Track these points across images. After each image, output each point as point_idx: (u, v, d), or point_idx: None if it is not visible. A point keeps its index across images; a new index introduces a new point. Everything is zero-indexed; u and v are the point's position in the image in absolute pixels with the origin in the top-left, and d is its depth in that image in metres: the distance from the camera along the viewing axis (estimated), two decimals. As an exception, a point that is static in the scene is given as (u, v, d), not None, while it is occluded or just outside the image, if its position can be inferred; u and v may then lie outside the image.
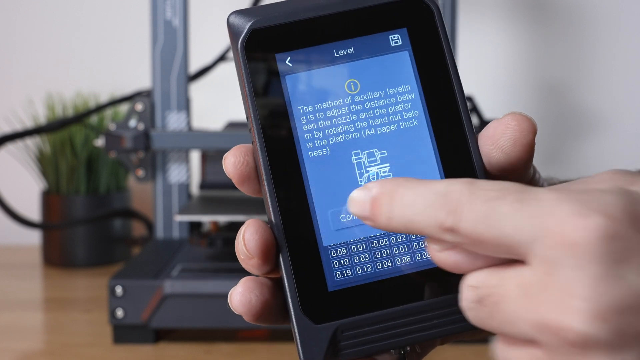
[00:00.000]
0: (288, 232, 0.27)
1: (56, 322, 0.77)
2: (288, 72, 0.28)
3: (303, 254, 0.27)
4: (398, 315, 0.27)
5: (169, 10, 0.84)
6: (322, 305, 0.27)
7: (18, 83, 1.19)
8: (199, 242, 0.75)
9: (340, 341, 0.27)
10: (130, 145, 0.81)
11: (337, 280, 0.27)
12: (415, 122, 0.28)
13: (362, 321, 0.27)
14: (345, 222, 0.28)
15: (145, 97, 0.85)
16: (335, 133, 0.28)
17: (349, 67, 0.28)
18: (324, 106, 0.28)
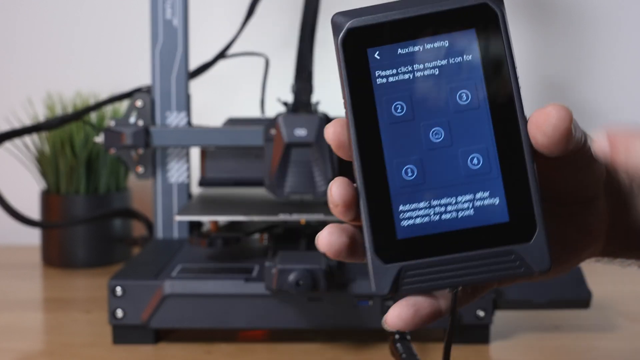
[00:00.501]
0: (367, 189, 0.34)
1: (56, 322, 0.77)
2: (375, 62, 0.35)
3: (377, 208, 0.34)
4: (452, 261, 0.34)
5: (169, 10, 0.84)
6: (391, 249, 0.34)
7: (18, 83, 1.19)
8: (199, 242, 0.75)
9: (404, 278, 0.34)
10: (130, 142, 0.81)
11: (404, 230, 0.34)
12: (479, 107, 0.34)
13: (422, 264, 0.34)
14: (412, 180, 0.34)
15: (145, 94, 0.85)
16: (408, 109, 0.35)
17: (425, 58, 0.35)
18: (400, 88, 0.35)
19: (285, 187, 0.74)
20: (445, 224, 0.34)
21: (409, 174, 0.34)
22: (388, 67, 0.35)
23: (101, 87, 1.14)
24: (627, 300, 0.85)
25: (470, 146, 0.34)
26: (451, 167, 0.34)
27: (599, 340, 0.72)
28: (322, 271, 0.64)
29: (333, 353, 0.68)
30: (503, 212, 0.34)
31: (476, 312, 0.69)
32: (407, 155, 0.34)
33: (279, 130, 0.74)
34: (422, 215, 0.34)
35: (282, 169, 0.74)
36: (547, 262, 0.33)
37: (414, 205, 0.34)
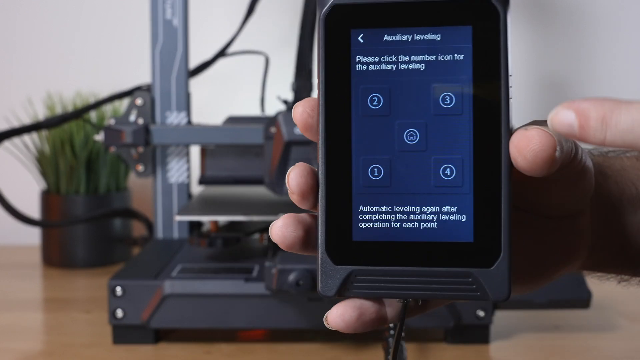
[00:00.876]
0: (328, 179, 0.32)
1: (56, 322, 0.77)
2: (358, 46, 0.32)
3: (336, 204, 0.32)
4: (406, 273, 0.32)
5: (169, 10, 0.84)
6: (344, 250, 0.32)
7: (18, 83, 1.19)
8: (199, 242, 0.75)
9: (352, 282, 0.33)
10: (130, 140, 0.81)
11: (360, 233, 0.32)
12: (461, 113, 0.32)
13: (374, 271, 0.32)
14: (378, 181, 0.32)
15: (145, 92, 0.85)
16: (385, 103, 0.32)
17: (412, 50, 0.32)
18: (380, 78, 0.32)
19: (285, 186, 0.74)
20: (405, 233, 0.32)
21: (375, 174, 0.32)
22: (370, 54, 0.32)
23: (101, 87, 1.13)
24: (627, 300, 0.85)
25: (445, 154, 0.32)
26: (421, 173, 0.32)
27: (599, 340, 0.72)
28: (322, 271, 0.64)
29: (333, 353, 0.68)
30: (468, 231, 0.31)
31: (476, 312, 0.69)
32: (376, 153, 0.32)
33: (279, 129, 0.74)
34: (382, 219, 0.32)
35: (282, 167, 0.74)
36: (506, 292, 0.31)
37: (375, 207, 0.32)
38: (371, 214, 0.32)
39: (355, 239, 0.32)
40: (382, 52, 0.32)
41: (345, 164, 0.32)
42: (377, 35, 0.32)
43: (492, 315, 0.69)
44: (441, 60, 0.32)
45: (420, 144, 0.32)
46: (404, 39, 0.32)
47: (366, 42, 0.32)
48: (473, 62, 0.31)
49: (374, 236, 0.32)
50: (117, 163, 1.03)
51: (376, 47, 0.32)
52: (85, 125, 1.00)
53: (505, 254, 0.31)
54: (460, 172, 0.32)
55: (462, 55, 0.32)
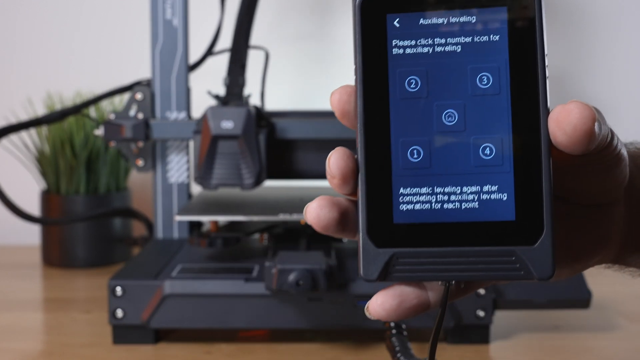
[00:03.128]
0: (368, 163, 0.32)
1: (56, 323, 0.77)
2: (394, 31, 0.32)
3: (376, 187, 0.32)
4: (449, 254, 0.32)
5: (169, 10, 0.84)
6: (385, 233, 0.32)
7: (18, 83, 1.19)
8: (199, 242, 0.75)
9: (395, 265, 0.32)
10: (130, 135, 0.81)
11: (401, 215, 0.32)
12: (499, 93, 0.32)
13: (417, 253, 0.32)
14: (418, 163, 0.32)
15: (145, 87, 0.85)
16: (423, 86, 0.32)
17: (448, 33, 0.32)
18: (416, 61, 0.32)
19: (213, 179, 0.74)
20: (446, 214, 0.32)
21: (415, 156, 0.32)
22: (407, 37, 0.32)
23: (101, 87, 1.13)
24: (627, 300, 0.85)
25: (484, 134, 0.32)
26: (461, 154, 0.32)
27: (599, 340, 0.72)
28: (322, 271, 0.64)
29: (333, 353, 0.68)
30: (510, 209, 0.31)
31: (476, 312, 0.69)
32: (415, 135, 0.32)
33: (206, 123, 0.74)
34: (423, 201, 0.32)
35: (210, 161, 0.74)
36: (550, 270, 0.31)
37: (415, 189, 0.32)
38: (412, 196, 0.32)
39: (397, 221, 0.32)
40: (419, 36, 0.32)
41: (385, 147, 0.32)
42: (412, 19, 0.32)
43: (492, 315, 0.69)
44: (477, 41, 0.32)
45: (459, 124, 0.32)
46: (439, 22, 0.32)
47: (402, 27, 0.32)
48: (509, 42, 0.32)
49: (415, 218, 0.32)
50: (117, 163, 1.03)
51: (412, 30, 0.32)
52: (85, 125, 1.00)
53: (548, 231, 0.31)
54: (500, 151, 0.32)
55: (497, 36, 0.32)
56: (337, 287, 0.67)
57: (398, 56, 0.32)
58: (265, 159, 0.74)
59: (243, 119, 0.73)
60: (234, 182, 0.74)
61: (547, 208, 0.31)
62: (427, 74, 0.32)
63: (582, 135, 0.30)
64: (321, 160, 0.83)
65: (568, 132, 0.30)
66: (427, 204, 0.32)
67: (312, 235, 0.82)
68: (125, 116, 0.83)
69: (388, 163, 0.32)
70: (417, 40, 0.32)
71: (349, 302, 0.68)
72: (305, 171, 0.83)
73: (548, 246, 0.31)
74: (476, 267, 0.32)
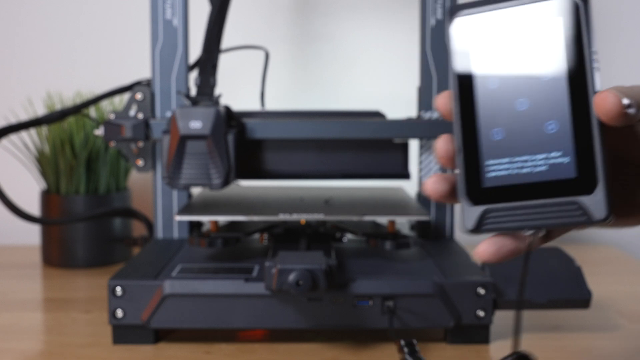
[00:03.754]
0: (463, 147, 0.44)
1: (56, 323, 0.77)
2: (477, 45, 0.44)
3: (470, 162, 0.44)
4: (526, 207, 0.42)
5: (168, 10, 0.84)
6: (478, 194, 0.43)
7: (18, 83, 1.19)
8: (199, 242, 0.75)
9: (486, 219, 0.43)
10: (129, 134, 0.81)
11: (489, 180, 0.43)
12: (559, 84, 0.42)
13: (501, 208, 0.43)
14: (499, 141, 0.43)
15: (144, 87, 0.85)
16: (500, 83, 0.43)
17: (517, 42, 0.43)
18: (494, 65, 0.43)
19: (181, 179, 0.74)
20: (523, 177, 0.42)
21: (497, 135, 0.43)
22: (487, 47, 0.44)
23: (101, 87, 1.14)
24: (627, 300, 0.85)
25: (548, 114, 0.42)
26: (532, 131, 0.42)
27: (599, 340, 0.72)
28: (322, 271, 0.64)
29: (333, 353, 0.68)
30: (571, 169, 0.41)
31: (476, 312, 0.69)
32: (497, 120, 0.43)
33: (174, 123, 0.74)
34: (504, 169, 0.43)
35: (178, 161, 0.74)
36: (605, 212, 0.40)
37: (498, 160, 0.43)
38: (496, 165, 0.43)
39: (486, 185, 0.43)
40: (494, 49, 0.44)
41: (475, 131, 0.43)
42: (491, 34, 0.44)
43: (492, 315, 0.69)
44: (539, 45, 0.43)
45: (529, 109, 0.42)
46: (510, 35, 0.43)
47: (482, 45, 0.44)
48: (565, 44, 0.42)
49: (500, 181, 0.43)
50: (117, 163, 1.03)
51: (489, 47, 0.44)
52: (85, 125, 1.00)
53: (602, 182, 0.40)
54: (562, 126, 0.42)
55: (555, 41, 0.42)
56: (337, 287, 0.67)
57: (481, 65, 0.44)
58: (234, 159, 0.74)
59: (212, 119, 0.73)
60: (202, 182, 0.73)
61: (599, 166, 0.41)
62: (503, 73, 0.43)
63: (616, 116, 0.40)
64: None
65: (605, 113, 0.40)
66: (507, 170, 0.43)
67: (312, 235, 0.82)
68: (125, 116, 0.83)
69: (477, 143, 0.43)
70: (494, 49, 0.44)
71: (349, 302, 0.68)
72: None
73: (602, 194, 0.40)
74: (548, 216, 0.41)
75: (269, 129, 0.80)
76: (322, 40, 1.19)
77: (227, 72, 1.15)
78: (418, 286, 0.68)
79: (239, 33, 0.94)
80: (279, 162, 0.83)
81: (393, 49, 1.19)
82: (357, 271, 0.71)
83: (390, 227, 0.79)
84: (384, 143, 0.83)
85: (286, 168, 0.83)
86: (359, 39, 1.19)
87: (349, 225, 0.83)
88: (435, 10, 0.85)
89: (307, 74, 1.19)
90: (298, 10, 1.20)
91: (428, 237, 0.87)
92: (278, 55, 1.07)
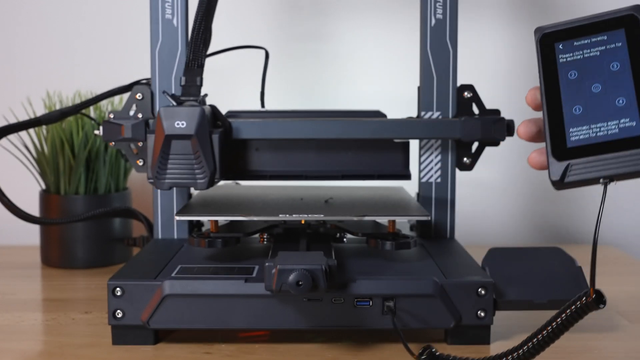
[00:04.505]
0: (550, 121, 0.56)
1: (55, 323, 0.77)
2: (560, 51, 0.58)
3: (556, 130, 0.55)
4: (602, 159, 0.53)
5: (168, 9, 0.84)
6: (563, 152, 0.54)
7: (18, 83, 1.19)
8: (199, 242, 0.75)
9: (569, 171, 0.54)
10: (129, 135, 0.81)
11: (571, 142, 0.54)
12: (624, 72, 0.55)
13: (581, 162, 0.54)
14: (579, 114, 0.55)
15: (144, 86, 0.84)
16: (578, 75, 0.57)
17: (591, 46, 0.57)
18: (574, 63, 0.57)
19: (166, 179, 0.73)
20: (599, 138, 0.54)
21: (577, 111, 0.55)
22: (567, 52, 0.57)
23: (101, 87, 1.13)
24: (627, 300, 0.85)
25: (618, 93, 0.54)
26: (605, 105, 0.54)
27: (599, 340, 0.72)
28: (322, 271, 0.64)
29: (333, 353, 0.68)
30: (637, 129, 0.52)
31: (477, 313, 0.69)
32: (577, 100, 0.55)
33: (159, 123, 0.73)
34: (584, 133, 0.54)
35: (163, 161, 0.73)
36: None
37: (578, 128, 0.54)
38: (577, 132, 0.54)
39: (569, 146, 0.54)
40: (574, 50, 0.57)
41: (559, 110, 0.56)
42: (570, 43, 0.58)
43: (492, 315, 0.69)
44: (608, 48, 0.56)
45: (602, 91, 0.55)
46: (585, 42, 0.57)
47: (564, 48, 0.58)
48: (628, 46, 0.55)
49: (581, 142, 0.54)
50: (117, 163, 1.03)
51: (570, 48, 0.57)
52: (85, 124, 1.00)
53: None
54: (628, 100, 0.53)
55: (620, 43, 0.56)
56: (337, 287, 0.67)
57: (563, 63, 0.57)
58: (219, 159, 0.74)
59: (197, 118, 0.73)
60: (187, 182, 0.73)
61: None
62: (580, 68, 0.56)
63: None
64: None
65: None
66: (587, 134, 0.54)
67: (312, 235, 0.82)
68: (125, 116, 0.83)
69: (562, 117, 0.56)
70: (573, 53, 0.57)
71: (349, 302, 0.68)
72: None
73: None
74: (619, 166, 0.52)
75: (268, 129, 0.80)
76: (322, 39, 1.19)
77: (226, 72, 1.15)
78: (418, 286, 0.68)
79: (238, 33, 0.93)
80: (279, 163, 0.83)
81: (393, 49, 1.19)
82: (357, 271, 0.71)
83: (390, 227, 0.79)
84: (384, 143, 0.83)
85: (286, 168, 0.83)
86: (359, 38, 1.19)
87: (349, 225, 0.83)
88: (435, 10, 0.85)
89: (307, 74, 1.19)
90: (298, 9, 1.20)
91: (428, 237, 0.87)
92: (278, 54, 1.07)
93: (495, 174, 1.22)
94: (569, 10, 1.20)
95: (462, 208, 0.92)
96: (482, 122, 0.81)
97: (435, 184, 0.86)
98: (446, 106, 0.85)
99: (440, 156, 0.86)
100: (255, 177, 0.83)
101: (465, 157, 0.86)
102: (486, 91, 0.91)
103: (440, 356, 0.62)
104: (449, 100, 0.85)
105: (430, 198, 0.86)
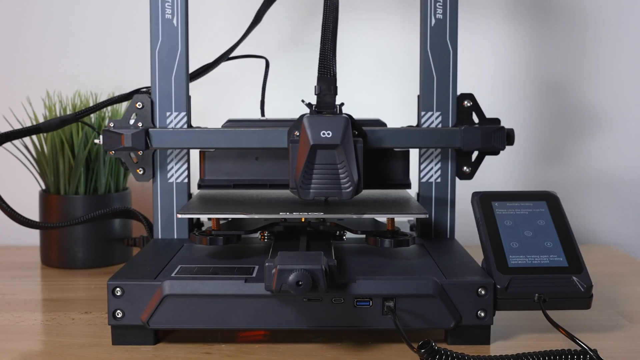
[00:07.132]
0: (494, 252, 0.71)
1: (55, 323, 0.77)
2: (497, 208, 0.75)
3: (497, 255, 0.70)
4: (537, 278, 0.68)
5: (168, 9, 0.84)
6: (505, 269, 0.69)
7: (18, 83, 1.19)
8: (201, 239, 0.75)
9: (511, 286, 0.68)
10: (129, 144, 0.81)
11: (512, 264, 0.69)
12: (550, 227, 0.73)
13: (521, 279, 0.68)
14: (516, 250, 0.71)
15: (144, 95, 0.84)
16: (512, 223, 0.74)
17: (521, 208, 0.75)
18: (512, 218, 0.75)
19: (311, 189, 0.74)
20: (534, 264, 0.70)
21: (514, 245, 0.72)
22: (502, 208, 0.74)
23: (101, 87, 1.14)
24: (627, 300, 0.85)
25: (545, 238, 0.72)
26: (536, 245, 0.71)
27: (599, 340, 0.72)
28: (322, 271, 0.64)
29: (333, 353, 0.68)
30: (564, 262, 0.70)
31: (477, 313, 0.69)
32: (514, 238, 0.72)
33: (304, 132, 0.74)
34: (521, 260, 0.71)
35: (308, 171, 0.74)
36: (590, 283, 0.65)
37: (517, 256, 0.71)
38: (516, 258, 0.71)
39: (510, 266, 0.70)
40: (507, 208, 0.75)
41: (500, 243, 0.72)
42: (503, 203, 0.75)
43: (492, 316, 0.69)
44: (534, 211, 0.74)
45: (533, 235, 0.73)
46: (515, 204, 0.75)
47: (499, 205, 0.74)
48: (550, 213, 0.74)
49: (519, 265, 0.70)
50: (117, 163, 1.03)
51: (504, 206, 0.74)
52: (85, 125, 1.00)
53: (585, 268, 0.66)
54: (554, 244, 0.71)
55: (543, 209, 0.74)
56: (337, 287, 0.67)
57: (499, 214, 0.73)
58: (362, 167, 0.75)
59: (342, 127, 0.73)
60: (332, 192, 0.74)
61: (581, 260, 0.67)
62: (513, 219, 0.73)
63: None
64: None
65: None
66: (523, 260, 0.70)
67: (312, 233, 0.82)
68: (125, 125, 0.83)
69: (502, 247, 0.71)
70: (507, 209, 0.74)
71: (349, 302, 0.68)
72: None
73: (587, 274, 0.66)
74: (552, 285, 0.67)
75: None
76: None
77: (227, 81, 1.15)
78: (418, 286, 0.68)
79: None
80: (277, 172, 0.84)
81: (393, 58, 1.19)
82: (357, 271, 0.71)
83: (389, 225, 0.79)
84: (384, 152, 0.83)
85: (284, 177, 0.84)
86: (359, 47, 1.19)
87: (348, 224, 0.83)
88: (435, 10, 0.85)
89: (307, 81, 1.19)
90: (298, 16, 1.20)
91: (428, 237, 0.87)
92: (278, 62, 1.07)
93: (496, 174, 1.22)
94: (572, 11, 1.20)
95: (462, 208, 0.92)
96: (482, 132, 0.81)
97: (435, 184, 0.86)
98: (446, 107, 0.85)
99: (440, 164, 0.86)
100: (254, 187, 0.84)
101: (465, 166, 0.86)
102: (486, 91, 0.91)
103: (440, 350, 0.62)
104: (449, 101, 0.85)
105: (430, 198, 0.86)
